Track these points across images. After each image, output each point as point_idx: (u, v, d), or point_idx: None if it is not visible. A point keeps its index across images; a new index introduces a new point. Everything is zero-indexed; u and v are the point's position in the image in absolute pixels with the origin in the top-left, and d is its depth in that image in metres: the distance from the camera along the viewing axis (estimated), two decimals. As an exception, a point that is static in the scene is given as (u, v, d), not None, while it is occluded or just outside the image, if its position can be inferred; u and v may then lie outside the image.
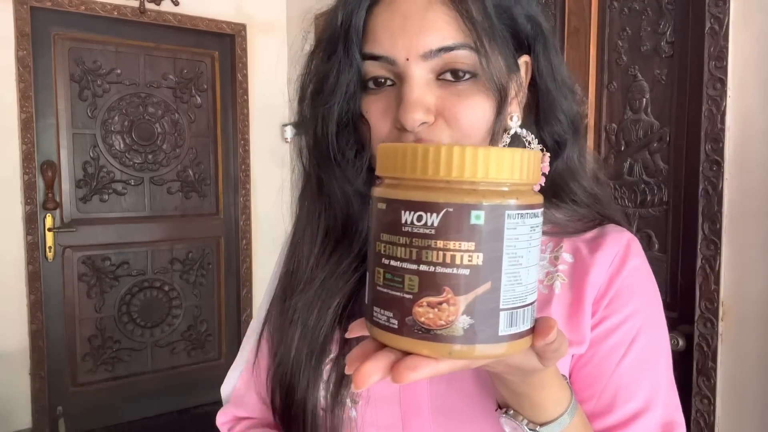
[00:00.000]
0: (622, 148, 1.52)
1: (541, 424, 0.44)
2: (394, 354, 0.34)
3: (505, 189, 0.33)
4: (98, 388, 2.83)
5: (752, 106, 1.25)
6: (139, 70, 2.86)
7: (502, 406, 0.47)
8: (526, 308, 0.34)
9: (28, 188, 2.58)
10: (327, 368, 0.58)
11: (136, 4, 2.74)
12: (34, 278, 2.62)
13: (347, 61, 0.54)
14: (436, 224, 0.32)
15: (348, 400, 0.57)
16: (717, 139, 1.28)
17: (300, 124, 0.61)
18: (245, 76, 3.04)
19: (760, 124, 1.24)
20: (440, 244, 0.32)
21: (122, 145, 2.84)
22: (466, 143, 0.52)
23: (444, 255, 0.32)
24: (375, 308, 0.35)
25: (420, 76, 0.51)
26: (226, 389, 0.72)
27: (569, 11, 1.62)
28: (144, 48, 2.85)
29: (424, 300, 0.32)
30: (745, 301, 1.27)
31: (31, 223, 2.60)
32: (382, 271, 0.34)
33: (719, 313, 1.30)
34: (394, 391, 0.56)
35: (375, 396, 0.57)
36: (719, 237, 1.29)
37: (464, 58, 0.51)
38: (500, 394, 0.46)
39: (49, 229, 2.65)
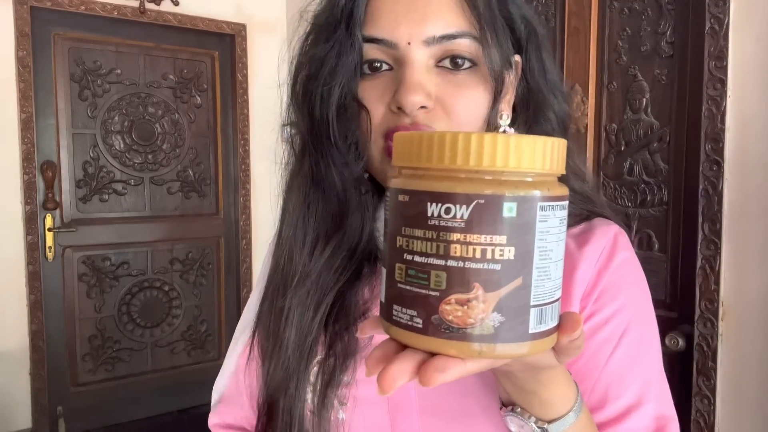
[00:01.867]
0: (622, 148, 1.52)
1: (549, 421, 0.43)
2: (418, 355, 0.32)
3: (536, 179, 0.31)
4: (98, 388, 2.83)
5: (752, 106, 1.25)
6: (139, 70, 2.86)
7: (507, 404, 0.46)
8: (554, 304, 0.33)
9: (28, 188, 2.58)
10: (314, 370, 0.57)
11: (136, 4, 2.74)
12: (34, 278, 2.62)
13: (349, 41, 0.53)
14: (465, 217, 0.30)
15: (336, 402, 0.56)
16: (717, 139, 1.28)
17: (293, 108, 0.60)
18: (245, 76, 3.04)
19: (760, 124, 1.24)
20: (470, 237, 0.30)
21: (122, 145, 2.84)
22: None
23: (474, 249, 0.30)
24: (395, 306, 0.33)
25: (421, 60, 0.51)
26: (217, 389, 0.70)
27: (569, 11, 1.62)
28: (144, 48, 2.85)
29: (453, 297, 0.30)
30: (745, 301, 1.27)
31: (31, 223, 2.60)
32: (404, 267, 0.32)
33: (719, 313, 1.30)
34: None
35: (362, 397, 0.56)
36: (719, 237, 1.29)
37: (466, 46, 0.52)
38: (505, 391, 0.45)
39: (49, 229, 2.65)
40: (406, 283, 0.32)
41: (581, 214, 0.60)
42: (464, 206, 0.30)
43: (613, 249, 0.56)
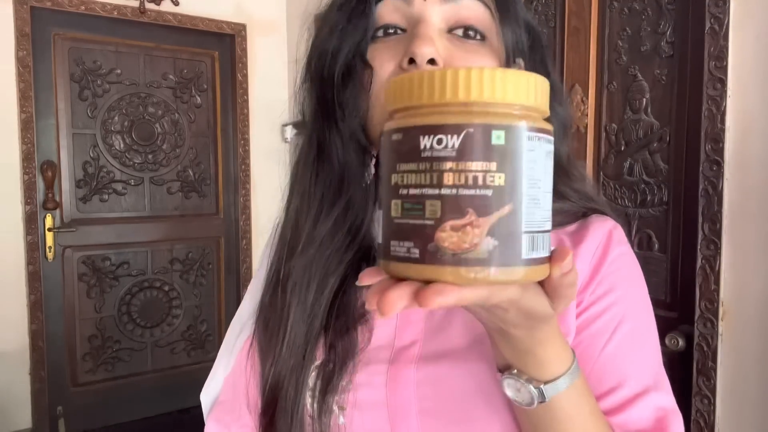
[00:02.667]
0: (622, 148, 1.52)
1: (546, 382, 0.43)
2: (416, 284, 0.32)
3: (522, 112, 0.33)
4: (98, 388, 2.83)
5: (752, 106, 1.25)
6: (139, 70, 2.86)
7: (503, 370, 0.46)
8: (544, 234, 0.34)
9: (28, 188, 2.58)
10: (313, 375, 0.57)
11: (136, 4, 2.74)
12: (34, 278, 2.62)
13: (360, 5, 0.54)
14: (456, 146, 0.31)
15: (335, 407, 0.56)
16: (717, 139, 1.28)
17: (306, 74, 0.60)
18: (245, 76, 3.04)
19: (760, 124, 1.24)
20: (462, 165, 0.31)
21: (122, 145, 2.84)
22: None
23: (466, 176, 0.31)
24: (392, 242, 0.33)
25: (435, 19, 0.52)
26: (209, 392, 0.68)
27: (569, 11, 1.62)
28: (144, 48, 2.85)
29: (447, 224, 0.31)
30: (745, 301, 1.27)
31: (31, 223, 2.60)
32: (399, 202, 0.33)
33: (719, 313, 1.30)
34: (380, 396, 0.56)
35: (362, 402, 0.56)
36: (719, 237, 1.29)
37: (479, 14, 0.53)
38: (501, 355, 0.45)
39: (49, 229, 2.65)
40: (402, 217, 0.33)
41: (578, 211, 0.60)
42: (455, 136, 0.31)
43: (608, 244, 0.57)
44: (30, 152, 2.58)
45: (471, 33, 0.53)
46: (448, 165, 0.31)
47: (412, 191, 0.32)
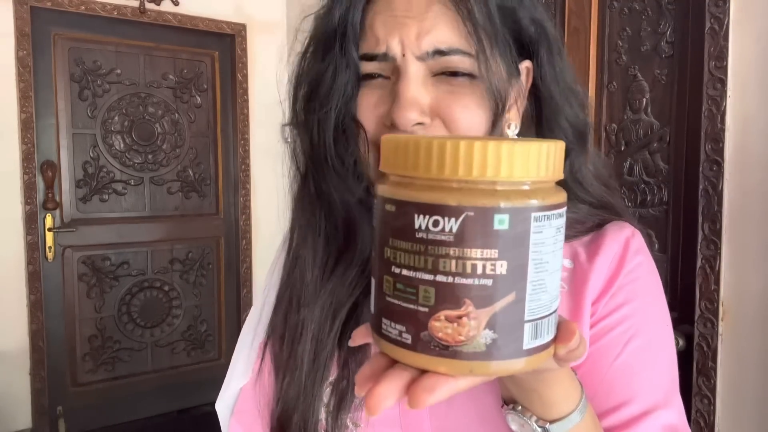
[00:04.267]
0: (622, 148, 1.52)
1: (552, 421, 0.41)
2: (408, 372, 0.30)
3: (530, 188, 0.29)
4: (98, 388, 2.83)
5: (752, 106, 1.25)
6: (139, 70, 2.85)
7: (508, 402, 0.44)
8: (550, 317, 0.31)
9: (28, 188, 2.58)
10: (327, 391, 0.57)
11: (136, 4, 2.74)
12: (34, 278, 2.62)
13: (344, 61, 0.52)
14: (454, 230, 0.28)
15: (349, 423, 0.56)
16: (717, 139, 1.28)
17: (294, 126, 0.59)
18: (245, 76, 3.04)
19: (760, 124, 1.24)
20: (459, 252, 0.28)
21: (122, 145, 2.84)
22: None
23: (464, 264, 0.28)
24: (384, 320, 0.31)
25: (416, 73, 0.50)
26: (225, 402, 0.68)
27: (569, 11, 1.62)
28: (144, 48, 2.85)
29: (442, 314, 0.29)
30: (745, 301, 1.27)
31: (31, 223, 2.60)
32: (392, 280, 0.30)
33: (719, 313, 1.30)
34: (394, 413, 0.55)
35: (375, 419, 0.55)
36: (719, 237, 1.29)
37: (462, 62, 0.50)
38: (506, 389, 0.43)
39: (49, 229, 2.65)
40: (394, 297, 0.30)
41: (594, 221, 0.58)
42: (453, 219, 0.28)
43: (624, 254, 0.55)
44: (30, 152, 2.58)
45: (458, 74, 0.51)
46: (445, 250, 0.28)
47: (405, 272, 0.30)
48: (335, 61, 0.52)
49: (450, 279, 0.29)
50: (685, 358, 1.38)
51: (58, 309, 2.72)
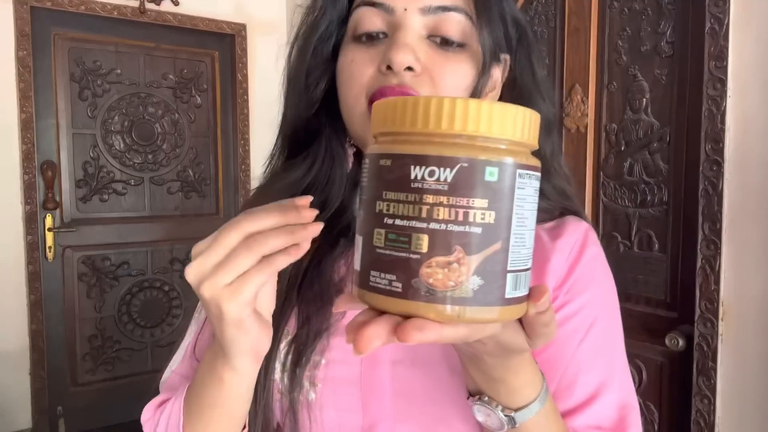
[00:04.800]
0: (622, 148, 1.52)
1: (516, 409, 0.43)
2: (395, 319, 0.32)
3: (513, 148, 0.32)
4: (98, 388, 2.83)
5: (752, 106, 1.25)
6: (139, 70, 2.86)
7: (474, 394, 0.46)
8: (527, 272, 0.33)
9: (28, 188, 2.58)
10: (284, 349, 0.56)
11: (136, 4, 2.74)
12: (34, 278, 2.62)
13: (333, 1, 0.57)
14: (449, 180, 0.30)
15: (306, 383, 0.55)
16: (717, 139, 1.28)
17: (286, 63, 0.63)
18: (245, 76, 3.04)
19: (760, 124, 1.24)
20: (453, 200, 0.30)
21: (122, 145, 2.84)
22: None
23: (457, 212, 0.30)
24: (372, 272, 0.32)
25: (415, 26, 0.53)
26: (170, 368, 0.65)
27: (569, 11, 1.62)
28: (144, 48, 2.85)
29: (434, 260, 0.30)
30: (745, 301, 1.27)
31: (31, 223, 2.60)
32: (383, 231, 0.32)
33: (719, 313, 1.30)
34: (354, 373, 0.55)
35: (335, 378, 0.55)
36: (719, 237, 1.29)
37: (458, 23, 0.53)
38: (472, 380, 0.45)
39: (49, 229, 2.65)
40: (385, 248, 0.32)
41: (555, 209, 0.62)
42: (449, 169, 0.30)
43: (584, 244, 0.59)
44: (30, 152, 2.58)
45: (449, 41, 0.54)
46: (440, 199, 0.30)
47: (399, 222, 0.31)
48: (327, 2, 0.57)
49: (443, 226, 0.30)
50: (685, 358, 1.38)
51: (58, 309, 2.72)
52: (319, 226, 0.42)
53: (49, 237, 2.65)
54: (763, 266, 1.24)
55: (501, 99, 0.60)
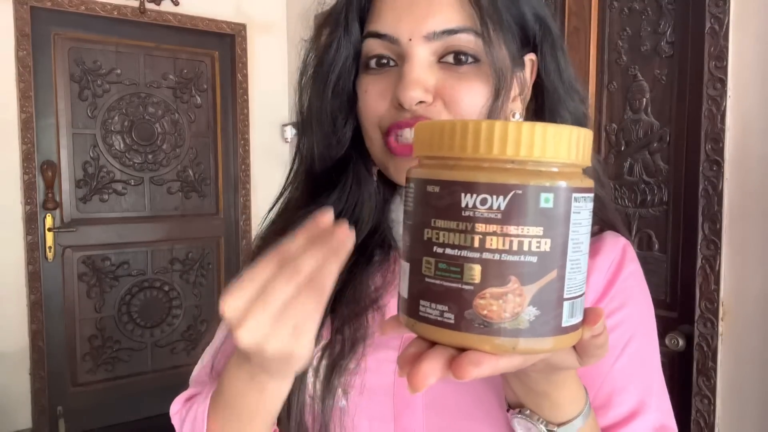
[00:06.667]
0: (622, 148, 1.52)
1: (559, 424, 0.43)
2: (448, 351, 0.31)
3: (568, 171, 0.31)
4: (98, 388, 2.83)
5: (752, 106, 1.25)
6: (139, 70, 2.86)
7: (514, 406, 0.45)
8: (582, 298, 0.32)
9: (28, 188, 2.58)
10: (317, 355, 0.56)
11: (136, 4, 2.74)
12: (34, 278, 2.62)
13: (348, 32, 0.55)
14: (502, 207, 0.29)
15: (339, 390, 0.55)
16: (717, 139, 1.28)
17: (299, 93, 0.62)
18: (245, 76, 3.04)
19: (760, 124, 1.24)
20: (507, 229, 0.29)
21: (122, 145, 2.84)
22: None
23: (510, 241, 0.29)
24: (422, 302, 0.31)
25: (421, 56, 0.52)
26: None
27: (569, 11, 1.62)
28: (144, 48, 2.85)
29: (488, 291, 0.29)
30: (745, 301, 1.27)
31: (31, 223, 2.60)
32: (433, 260, 0.31)
33: (719, 313, 1.30)
34: (388, 382, 0.55)
35: (369, 386, 0.55)
36: (719, 237, 1.29)
37: (467, 42, 0.52)
38: (513, 393, 0.44)
39: (49, 229, 2.65)
40: (435, 277, 0.31)
41: (594, 224, 0.60)
42: (501, 197, 0.29)
43: (622, 260, 0.58)
44: (30, 152, 2.58)
45: (462, 58, 0.52)
46: (492, 228, 0.29)
47: (449, 251, 0.30)
48: (341, 30, 0.56)
49: (496, 256, 0.29)
50: (685, 358, 1.38)
51: (58, 309, 2.72)
52: (345, 226, 0.39)
53: (49, 237, 2.65)
54: (763, 266, 1.24)
55: (528, 99, 0.59)
